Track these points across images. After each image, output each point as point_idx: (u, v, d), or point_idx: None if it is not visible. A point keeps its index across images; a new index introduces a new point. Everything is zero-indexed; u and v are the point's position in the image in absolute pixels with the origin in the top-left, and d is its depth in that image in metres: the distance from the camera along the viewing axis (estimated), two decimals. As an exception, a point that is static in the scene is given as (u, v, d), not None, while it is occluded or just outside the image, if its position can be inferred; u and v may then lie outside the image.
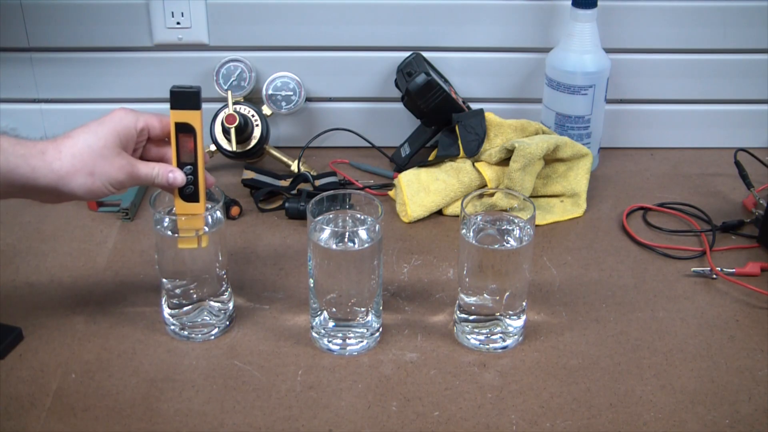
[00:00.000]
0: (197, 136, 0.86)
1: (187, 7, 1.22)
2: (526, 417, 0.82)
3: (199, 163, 0.87)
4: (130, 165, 0.84)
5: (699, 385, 0.86)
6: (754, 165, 1.20)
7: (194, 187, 0.87)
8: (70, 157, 0.81)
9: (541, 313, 0.96)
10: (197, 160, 0.86)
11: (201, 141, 0.86)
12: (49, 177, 0.81)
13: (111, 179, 0.83)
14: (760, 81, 1.29)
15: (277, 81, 1.25)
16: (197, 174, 0.87)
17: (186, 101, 0.85)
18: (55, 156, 0.81)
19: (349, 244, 0.87)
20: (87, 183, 0.82)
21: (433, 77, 1.17)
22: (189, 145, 0.86)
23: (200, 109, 0.85)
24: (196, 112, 0.85)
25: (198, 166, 0.86)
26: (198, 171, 0.87)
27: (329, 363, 0.88)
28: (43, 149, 0.81)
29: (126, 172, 0.84)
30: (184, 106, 0.85)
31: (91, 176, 0.82)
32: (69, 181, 0.81)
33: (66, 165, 0.81)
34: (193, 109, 0.85)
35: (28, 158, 0.80)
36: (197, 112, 0.85)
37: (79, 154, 0.82)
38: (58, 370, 0.87)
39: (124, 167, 0.83)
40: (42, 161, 0.81)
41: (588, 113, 1.21)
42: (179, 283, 0.90)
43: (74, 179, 0.81)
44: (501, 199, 0.92)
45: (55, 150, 0.81)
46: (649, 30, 1.26)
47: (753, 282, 1.00)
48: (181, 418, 0.81)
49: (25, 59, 1.25)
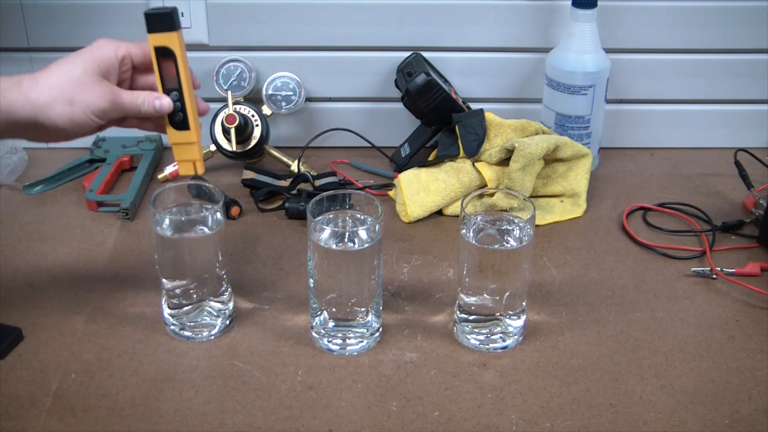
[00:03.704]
0: (178, 60, 0.82)
1: (187, 7, 1.22)
2: (526, 417, 0.82)
3: (184, 88, 0.83)
4: (112, 92, 0.82)
5: (699, 385, 0.86)
6: (754, 165, 1.20)
7: (183, 113, 0.84)
8: (47, 87, 0.79)
9: (541, 313, 0.96)
10: (182, 85, 0.83)
11: (184, 65, 0.83)
12: (27, 108, 0.79)
13: (92, 107, 0.80)
14: (760, 81, 1.29)
15: (277, 81, 1.25)
16: (184, 100, 0.83)
17: (162, 23, 0.80)
18: (32, 86, 0.79)
19: (349, 244, 0.87)
20: (67, 111, 0.80)
21: (433, 77, 1.18)
22: (171, 70, 0.82)
23: (178, 29, 0.81)
24: (173, 33, 0.81)
25: (184, 91, 0.83)
26: (185, 97, 0.83)
27: (329, 363, 0.88)
28: (19, 81, 0.79)
29: (108, 100, 0.81)
30: (161, 28, 0.80)
31: (70, 104, 0.80)
32: (48, 111, 0.79)
33: (43, 94, 0.79)
34: (169, 30, 0.81)
35: (4, 92, 0.78)
36: (175, 33, 0.81)
37: (56, 83, 0.80)
38: (58, 370, 0.87)
39: (105, 95, 0.81)
40: (18, 93, 0.79)
41: (588, 113, 1.21)
42: (179, 283, 0.90)
43: (53, 108, 0.79)
44: (501, 199, 0.92)
45: (32, 81, 0.79)
46: (649, 30, 1.26)
47: (753, 282, 1.00)
48: (181, 418, 0.81)
49: (25, 59, 1.25)
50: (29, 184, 1.18)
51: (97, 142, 1.26)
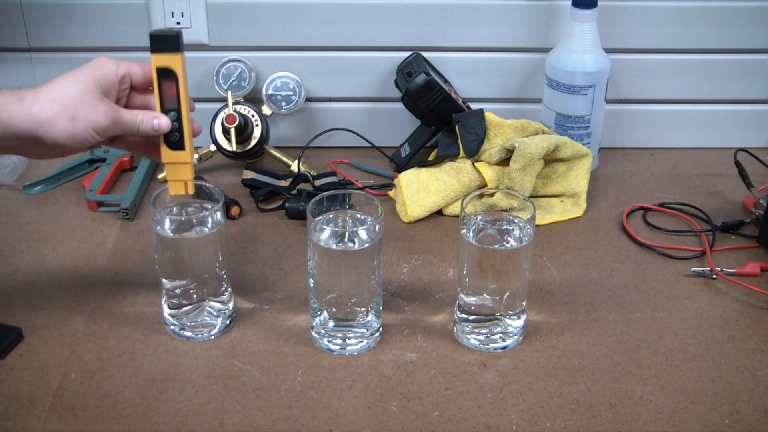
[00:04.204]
0: (179, 81, 0.83)
1: (187, 7, 1.22)
2: (526, 417, 0.82)
3: (183, 109, 0.84)
4: (113, 110, 0.82)
5: (699, 385, 0.86)
6: (754, 165, 1.20)
7: (179, 134, 0.84)
8: (49, 102, 0.79)
9: (541, 313, 0.96)
10: (181, 107, 0.84)
11: (184, 86, 0.84)
12: (29, 122, 0.78)
13: (93, 124, 0.80)
14: (760, 81, 1.29)
15: (277, 81, 1.25)
16: (182, 121, 0.84)
17: (166, 45, 0.81)
18: (34, 101, 0.79)
19: (349, 244, 0.87)
20: (69, 128, 0.79)
21: (433, 77, 1.18)
22: (171, 90, 0.83)
23: (182, 52, 0.82)
24: (177, 55, 0.82)
25: (182, 112, 0.84)
26: (182, 118, 0.84)
27: (329, 363, 0.88)
28: (21, 96, 0.79)
29: (109, 118, 0.81)
30: (165, 49, 0.82)
31: (72, 121, 0.79)
32: (50, 127, 0.79)
33: (45, 109, 0.79)
34: (173, 52, 0.82)
35: (4, 105, 0.78)
36: (178, 55, 0.82)
37: (58, 98, 0.79)
38: (58, 370, 0.87)
39: (106, 112, 0.81)
40: (20, 107, 0.78)
41: (588, 113, 1.21)
42: (179, 283, 0.90)
43: (55, 124, 0.79)
44: (501, 199, 0.92)
45: (34, 96, 0.79)
46: (649, 30, 1.26)
47: (753, 282, 1.00)
48: (181, 418, 0.81)
49: (25, 59, 1.25)
50: (29, 184, 1.18)
51: (97, 142, 1.26)
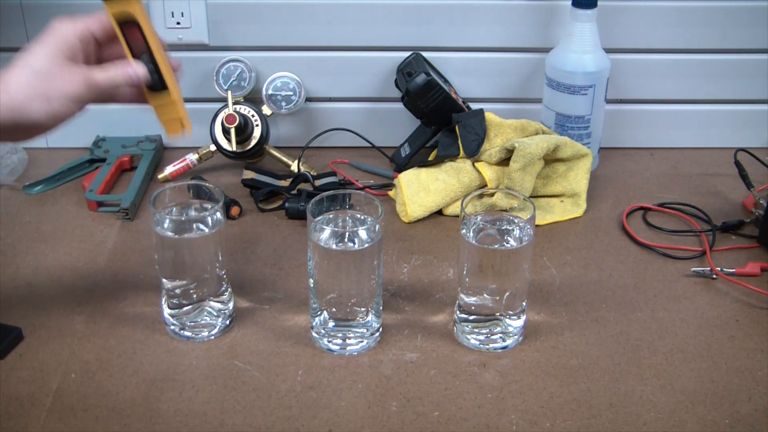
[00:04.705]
0: (141, 23, 0.80)
1: (187, 7, 1.22)
2: (526, 417, 0.82)
3: (153, 49, 0.81)
4: (84, 75, 0.78)
5: (699, 385, 0.86)
6: (754, 165, 1.20)
7: (158, 74, 0.82)
8: (15, 86, 0.76)
9: (541, 313, 0.96)
10: (151, 48, 0.81)
11: (148, 27, 0.81)
12: (3, 112, 0.76)
13: (68, 95, 0.77)
14: (760, 81, 1.29)
15: (277, 81, 1.25)
16: (156, 61, 0.82)
17: None
18: (2, 90, 0.76)
19: (349, 244, 0.87)
20: (44, 108, 0.77)
21: (433, 77, 1.18)
22: (136, 35, 0.80)
23: None
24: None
25: (154, 53, 0.81)
26: (156, 58, 0.82)
27: (329, 363, 0.88)
28: None
29: (82, 84, 0.78)
30: None
31: (46, 100, 0.77)
32: (26, 111, 0.76)
33: (15, 95, 0.76)
34: None
35: None
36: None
37: (25, 80, 0.76)
38: (58, 370, 0.87)
39: (77, 79, 0.78)
40: None
41: (588, 113, 1.21)
42: (179, 283, 0.90)
43: (30, 107, 0.76)
44: (501, 199, 0.92)
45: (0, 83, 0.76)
46: (649, 30, 1.26)
47: (753, 282, 1.00)
48: (181, 418, 0.81)
49: (25, 59, 1.25)
50: (29, 184, 1.18)
51: (97, 142, 1.26)
